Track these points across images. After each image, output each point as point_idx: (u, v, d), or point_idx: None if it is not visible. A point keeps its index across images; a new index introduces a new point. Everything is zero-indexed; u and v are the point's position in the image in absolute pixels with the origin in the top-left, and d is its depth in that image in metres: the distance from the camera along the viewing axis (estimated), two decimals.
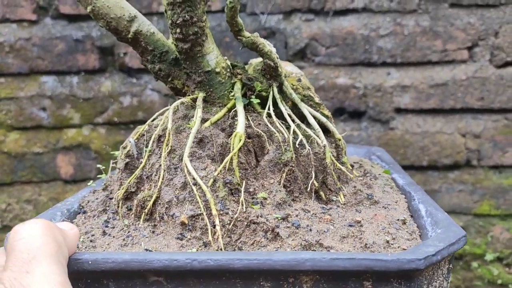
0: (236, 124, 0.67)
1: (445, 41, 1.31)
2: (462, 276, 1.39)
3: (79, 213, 0.70)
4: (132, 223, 0.63)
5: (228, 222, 0.58)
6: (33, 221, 0.48)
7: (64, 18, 1.36)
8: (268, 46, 0.71)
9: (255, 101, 0.71)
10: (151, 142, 0.66)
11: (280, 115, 0.71)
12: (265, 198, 0.61)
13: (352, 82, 1.34)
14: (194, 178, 0.60)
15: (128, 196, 0.66)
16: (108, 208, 0.68)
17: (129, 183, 0.66)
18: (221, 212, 0.58)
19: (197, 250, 0.56)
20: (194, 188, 0.59)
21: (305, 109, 0.74)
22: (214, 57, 0.70)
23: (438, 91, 1.33)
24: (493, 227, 1.37)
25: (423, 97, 1.33)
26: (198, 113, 0.67)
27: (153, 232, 0.61)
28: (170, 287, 0.50)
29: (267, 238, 0.57)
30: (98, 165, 0.86)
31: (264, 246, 0.56)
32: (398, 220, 0.63)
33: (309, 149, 0.66)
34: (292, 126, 0.68)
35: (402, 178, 0.80)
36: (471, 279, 1.39)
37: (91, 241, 0.61)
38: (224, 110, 0.69)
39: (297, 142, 0.66)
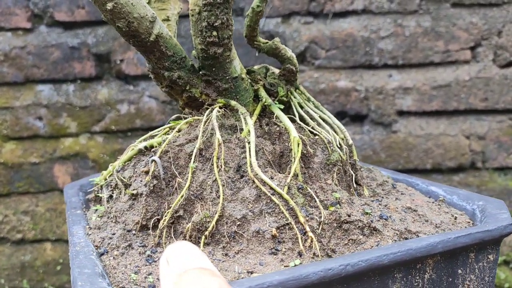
0: (272, 130, 0.66)
1: (447, 41, 1.29)
2: None
3: (103, 254, 0.58)
4: None
5: (317, 227, 0.57)
6: (201, 272, 0.36)
7: (60, 26, 1.33)
8: (289, 51, 0.72)
9: (280, 106, 0.70)
10: (193, 157, 0.61)
11: (300, 118, 0.70)
12: (338, 198, 0.60)
13: (353, 85, 1.32)
14: (272, 188, 0.58)
15: (173, 222, 0.59)
16: (133, 241, 0.58)
17: (175, 206, 0.59)
18: (307, 218, 0.57)
19: (300, 262, 0.54)
20: (274, 198, 0.57)
21: (327, 111, 0.74)
22: (238, 63, 0.68)
23: (441, 92, 1.30)
24: None
25: (425, 99, 1.31)
26: (248, 121, 0.64)
27: (227, 254, 0.56)
28: None
29: (364, 234, 0.57)
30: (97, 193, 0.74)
31: (363, 243, 0.56)
32: (436, 201, 0.69)
33: (346, 148, 0.68)
34: (327, 127, 0.69)
35: (392, 173, 0.83)
36: None
37: (159, 279, 0.51)
38: (255, 117, 0.67)
39: (337, 143, 0.67)
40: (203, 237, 0.57)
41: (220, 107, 0.67)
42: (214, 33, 0.63)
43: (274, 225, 0.56)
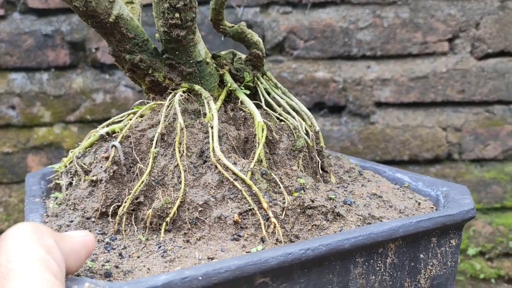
0: (237, 115, 0.65)
1: (425, 33, 1.29)
2: None
3: None
4: (150, 237, 0.55)
5: (280, 212, 0.56)
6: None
7: (33, 13, 1.30)
8: (256, 36, 0.71)
9: (245, 91, 0.69)
10: (154, 142, 0.59)
11: (267, 104, 0.69)
12: (303, 184, 0.60)
13: (332, 76, 1.31)
14: (235, 173, 0.57)
15: (134, 209, 0.58)
16: (92, 229, 0.57)
17: (135, 192, 0.57)
18: (271, 204, 0.56)
19: (262, 247, 0.53)
20: (237, 183, 0.56)
21: (294, 97, 0.72)
22: (202, 47, 0.66)
23: (418, 84, 1.30)
24: (475, 221, 1.35)
25: (403, 91, 1.31)
26: (212, 105, 0.63)
27: (188, 241, 0.55)
28: (275, 285, 0.46)
29: (328, 220, 0.57)
30: (58, 181, 0.71)
31: (327, 228, 0.56)
32: (401, 187, 0.69)
33: (312, 135, 0.67)
34: (293, 114, 0.68)
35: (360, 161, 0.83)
36: None
37: (116, 267, 0.50)
38: (219, 102, 0.66)
39: (303, 129, 0.66)
40: (164, 223, 0.56)
41: (184, 92, 0.65)
42: (177, 15, 0.61)
43: (237, 211, 0.56)
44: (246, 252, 0.52)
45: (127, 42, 0.63)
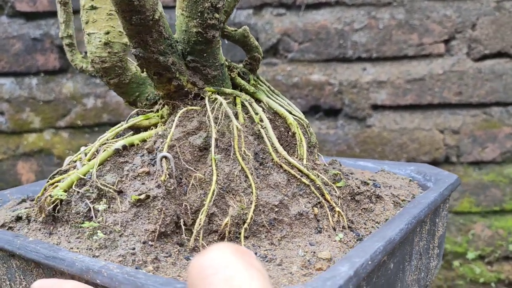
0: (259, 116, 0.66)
1: (421, 34, 1.27)
2: (443, 275, 1.36)
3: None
4: None
5: (338, 202, 0.60)
6: (219, 247, 0.35)
7: (21, 16, 1.27)
8: (255, 40, 0.72)
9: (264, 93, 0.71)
10: (212, 148, 0.57)
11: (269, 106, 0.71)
12: (338, 174, 0.63)
13: (327, 79, 1.29)
14: (300, 170, 0.60)
15: (208, 222, 0.55)
16: (159, 254, 0.52)
17: (209, 203, 0.55)
18: (332, 195, 0.60)
19: (342, 236, 0.57)
20: (304, 180, 0.59)
21: (287, 99, 0.74)
22: (220, 50, 0.66)
23: (415, 86, 1.29)
24: (474, 224, 1.33)
25: (400, 93, 1.29)
26: (256, 107, 0.64)
27: (272, 243, 0.55)
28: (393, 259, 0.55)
29: (372, 202, 0.63)
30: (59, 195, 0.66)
31: (373, 210, 0.62)
32: (377, 172, 0.76)
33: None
34: (295, 113, 0.69)
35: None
36: (453, 278, 1.35)
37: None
38: (239, 105, 0.65)
39: (306, 125, 0.69)
40: (243, 230, 0.55)
41: (212, 95, 0.64)
42: (216, 15, 0.59)
43: (309, 205, 0.58)
44: (334, 241, 0.55)
45: (162, 42, 0.59)
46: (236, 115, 0.62)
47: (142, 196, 0.54)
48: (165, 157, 0.56)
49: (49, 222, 0.60)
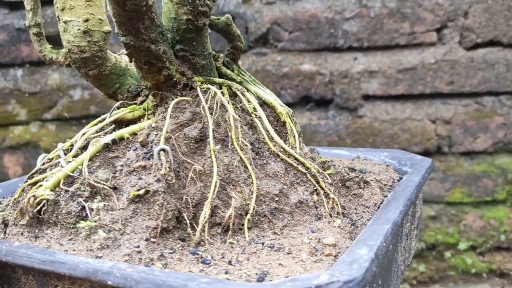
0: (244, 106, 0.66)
1: (413, 23, 1.25)
2: (435, 266, 1.35)
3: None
4: (238, 239, 0.53)
5: (331, 188, 0.61)
6: None
7: (5, 6, 1.25)
8: (237, 28, 0.72)
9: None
10: (211, 139, 0.57)
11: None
12: (327, 161, 0.64)
13: (318, 69, 1.27)
14: (296, 159, 0.61)
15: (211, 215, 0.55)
16: (163, 251, 0.51)
17: (212, 197, 0.54)
18: (325, 183, 0.61)
19: (340, 221, 0.59)
20: (301, 168, 0.60)
21: (266, 87, 0.74)
22: (208, 39, 0.65)
23: (406, 76, 1.27)
24: (465, 215, 1.33)
25: (391, 83, 1.27)
26: (249, 97, 0.63)
27: (275, 232, 0.55)
28: None
29: (361, 188, 0.64)
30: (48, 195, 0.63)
31: (362, 196, 0.64)
32: (353, 160, 0.80)
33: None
34: (280, 102, 0.70)
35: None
36: (445, 269, 1.35)
37: (260, 280, 0.47)
38: (227, 95, 0.64)
39: (291, 114, 0.70)
40: (246, 221, 0.54)
41: (202, 85, 0.62)
42: (207, 1, 0.58)
43: (307, 193, 0.59)
44: (333, 227, 0.56)
45: (153, 30, 0.58)
46: (222, 106, 0.61)
47: (142, 192, 0.53)
48: (163, 149, 0.55)
49: (33, 225, 0.57)
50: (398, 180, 0.72)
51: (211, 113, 0.59)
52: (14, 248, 0.50)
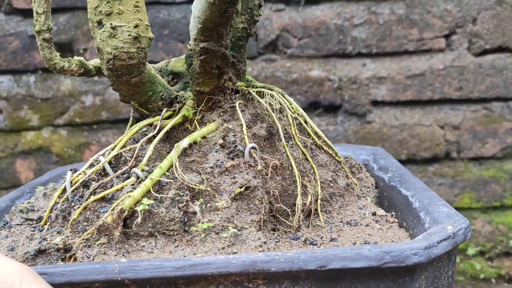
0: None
1: (422, 29, 1.26)
2: None
3: None
4: (317, 222, 0.61)
5: (350, 174, 0.74)
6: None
7: (18, 13, 1.26)
8: None
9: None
10: (282, 137, 0.64)
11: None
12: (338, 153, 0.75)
13: (327, 75, 1.28)
14: (334, 151, 0.71)
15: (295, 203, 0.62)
16: (270, 239, 0.57)
17: (301, 187, 0.62)
18: (349, 169, 0.75)
19: (370, 199, 0.72)
20: (337, 158, 0.71)
21: None
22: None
23: (415, 82, 1.28)
24: (474, 220, 1.33)
25: (400, 89, 1.28)
26: (289, 98, 0.69)
27: (338, 212, 0.64)
28: None
29: (360, 172, 0.77)
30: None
31: (362, 178, 0.77)
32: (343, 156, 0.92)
33: None
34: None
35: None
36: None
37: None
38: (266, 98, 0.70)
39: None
40: (318, 206, 0.62)
41: (243, 90, 0.66)
42: (260, 12, 0.63)
43: (346, 178, 0.69)
44: (370, 202, 0.69)
45: (229, 36, 0.61)
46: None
47: (242, 189, 0.56)
48: (254, 148, 0.58)
49: (118, 241, 0.53)
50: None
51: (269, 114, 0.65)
52: (133, 263, 0.46)
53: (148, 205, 0.54)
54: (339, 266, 0.46)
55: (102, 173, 0.61)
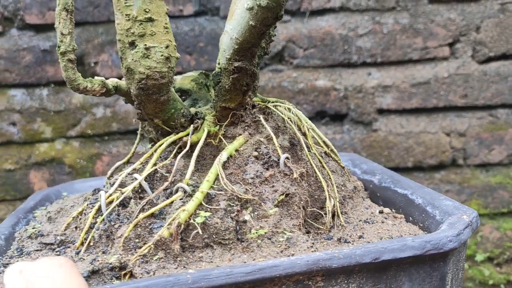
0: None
1: (426, 38, 1.27)
2: None
3: None
4: (340, 223, 0.66)
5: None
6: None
7: (31, 29, 1.30)
8: None
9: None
10: (305, 147, 0.69)
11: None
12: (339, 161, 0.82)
13: (332, 84, 1.30)
14: (339, 159, 0.77)
15: (321, 207, 0.68)
16: (310, 239, 0.62)
17: (335, 194, 0.69)
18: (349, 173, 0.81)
19: (369, 200, 0.79)
20: (342, 165, 0.78)
21: None
22: None
23: (420, 90, 1.29)
24: (482, 226, 1.33)
25: (405, 97, 1.30)
26: (298, 112, 0.73)
27: (353, 213, 0.69)
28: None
29: (349, 175, 0.81)
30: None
31: (350, 179, 0.81)
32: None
33: None
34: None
35: None
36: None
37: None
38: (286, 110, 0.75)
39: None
40: (338, 208, 0.67)
41: (260, 105, 0.71)
42: (275, 32, 0.67)
43: (351, 181, 0.75)
44: (370, 202, 0.77)
45: (258, 56, 0.67)
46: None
47: (283, 197, 0.61)
48: (287, 158, 0.63)
49: (174, 255, 0.55)
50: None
51: (286, 126, 0.70)
52: (205, 273, 0.48)
53: (205, 217, 0.56)
54: (390, 257, 0.52)
55: (139, 191, 0.63)
